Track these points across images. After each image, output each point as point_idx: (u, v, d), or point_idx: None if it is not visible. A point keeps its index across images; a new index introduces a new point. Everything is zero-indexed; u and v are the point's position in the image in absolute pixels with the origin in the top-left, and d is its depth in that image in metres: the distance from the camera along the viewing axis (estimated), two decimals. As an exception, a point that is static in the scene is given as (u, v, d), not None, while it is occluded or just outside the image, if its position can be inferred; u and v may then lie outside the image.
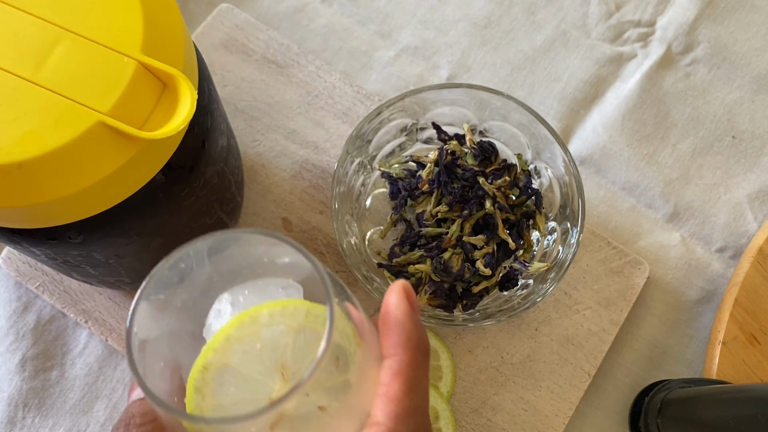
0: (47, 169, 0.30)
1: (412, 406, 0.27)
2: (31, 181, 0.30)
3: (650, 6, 0.63)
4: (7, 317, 0.53)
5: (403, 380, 0.27)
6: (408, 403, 0.27)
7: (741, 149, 0.59)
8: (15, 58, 0.31)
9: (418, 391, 0.27)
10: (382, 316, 0.29)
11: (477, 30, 0.62)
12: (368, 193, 0.54)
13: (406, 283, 0.30)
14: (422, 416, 0.27)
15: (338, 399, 0.26)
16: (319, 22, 0.62)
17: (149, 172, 0.34)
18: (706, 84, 0.61)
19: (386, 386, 0.27)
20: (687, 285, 0.55)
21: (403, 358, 0.28)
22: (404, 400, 0.27)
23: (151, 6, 0.33)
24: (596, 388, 0.53)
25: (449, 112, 0.52)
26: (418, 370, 0.28)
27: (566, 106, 0.60)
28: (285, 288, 0.29)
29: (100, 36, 0.32)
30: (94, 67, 0.31)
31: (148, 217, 0.37)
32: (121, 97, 0.31)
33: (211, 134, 0.39)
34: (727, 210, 0.57)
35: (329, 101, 0.58)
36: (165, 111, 0.32)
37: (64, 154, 0.30)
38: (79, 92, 0.30)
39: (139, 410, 0.28)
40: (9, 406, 0.51)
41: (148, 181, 0.34)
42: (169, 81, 0.32)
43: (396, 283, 0.30)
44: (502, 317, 0.47)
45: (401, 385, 0.27)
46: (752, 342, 0.52)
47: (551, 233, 0.51)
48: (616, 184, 0.58)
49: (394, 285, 0.30)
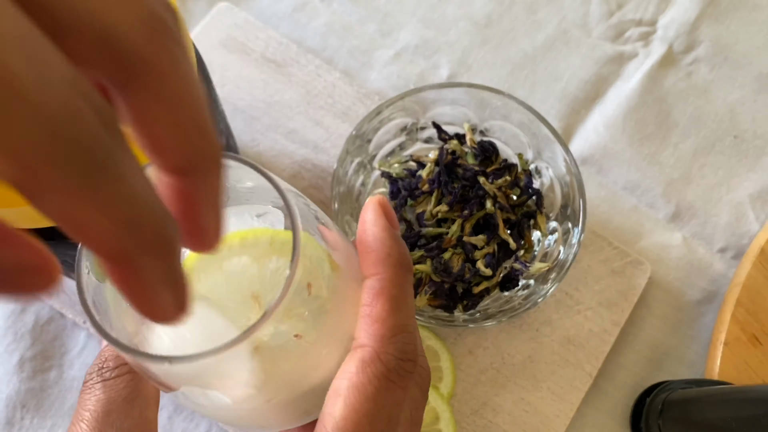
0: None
1: (397, 324, 0.26)
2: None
3: (651, 5, 0.62)
4: (5, 318, 0.52)
5: (385, 298, 0.26)
6: (393, 321, 0.26)
7: (743, 149, 0.59)
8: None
9: (403, 309, 0.26)
10: (359, 234, 0.27)
11: (477, 29, 0.62)
12: (368, 193, 0.53)
13: (382, 198, 0.28)
14: (410, 335, 0.26)
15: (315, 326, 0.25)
16: (319, 21, 0.61)
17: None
18: (707, 83, 0.60)
19: (368, 306, 0.26)
20: (689, 285, 0.55)
21: (384, 276, 0.26)
22: (389, 319, 0.25)
23: None
24: (597, 389, 0.53)
25: (450, 111, 0.52)
26: (401, 286, 0.26)
27: (567, 106, 0.60)
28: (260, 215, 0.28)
29: None
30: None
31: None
32: None
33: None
34: (728, 210, 0.57)
35: (329, 100, 0.57)
36: None
37: None
38: None
39: (112, 354, 0.27)
40: (7, 407, 0.51)
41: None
42: None
43: (371, 198, 0.28)
44: (503, 318, 0.47)
45: (384, 304, 0.26)
46: (754, 343, 0.51)
47: (552, 233, 0.51)
48: (617, 183, 0.58)
49: (369, 201, 0.28)
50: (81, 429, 0.25)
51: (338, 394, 0.24)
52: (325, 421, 0.24)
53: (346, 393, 0.24)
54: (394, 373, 0.25)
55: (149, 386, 0.27)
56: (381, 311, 0.25)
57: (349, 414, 0.24)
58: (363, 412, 0.24)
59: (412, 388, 0.26)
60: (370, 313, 0.26)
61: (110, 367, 0.26)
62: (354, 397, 0.24)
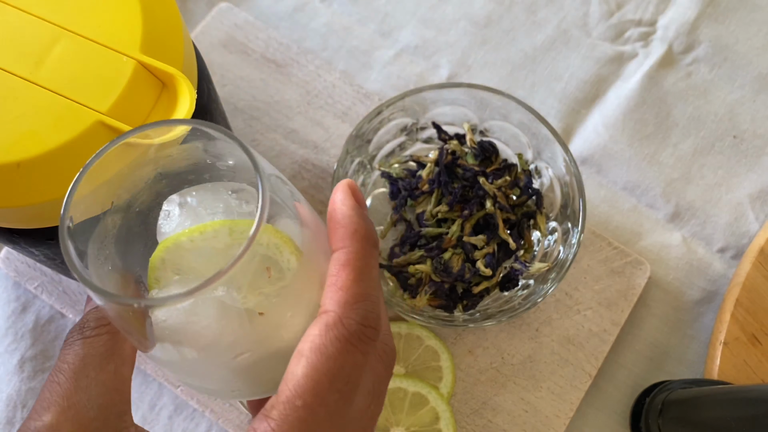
0: (46, 169, 0.30)
1: (361, 293, 0.27)
2: (29, 180, 0.30)
3: (651, 5, 0.62)
4: (6, 317, 0.52)
5: (350, 269, 0.27)
6: (357, 290, 0.27)
7: (742, 149, 0.59)
8: (14, 58, 0.31)
9: (367, 280, 0.28)
10: (329, 213, 0.30)
11: (477, 29, 0.62)
12: (368, 193, 0.54)
13: (350, 181, 0.30)
14: (372, 304, 0.27)
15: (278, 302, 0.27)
16: (319, 21, 0.61)
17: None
18: (707, 83, 0.60)
19: (334, 276, 0.27)
20: (688, 285, 0.55)
21: (350, 249, 0.28)
22: (353, 287, 0.27)
23: (150, 5, 0.33)
24: (597, 388, 0.53)
25: (449, 111, 0.52)
26: (366, 259, 0.28)
27: (567, 106, 0.60)
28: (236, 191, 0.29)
29: (99, 35, 0.31)
30: (93, 67, 0.31)
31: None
32: (120, 97, 0.30)
33: (210, 134, 0.39)
34: (728, 210, 0.57)
35: (329, 101, 0.58)
36: (164, 110, 0.32)
37: (62, 153, 0.30)
38: (78, 92, 0.30)
39: (94, 316, 0.29)
40: (7, 407, 0.51)
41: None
42: (168, 80, 0.32)
43: (341, 182, 0.30)
44: (503, 318, 0.47)
45: (349, 273, 0.27)
46: (754, 342, 0.51)
47: (552, 233, 0.51)
48: (617, 183, 0.58)
49: (339, 184, 0.30)
50: (58, 379, 0.27)
51: (301, 354, 0.26)
52: (288, 378, 0.26)
53: (308, 353, 0.26)
54: (355, 337, 0.26)
55: (126, 347, 0.29)
56: (345, 280, 0.27)
57: (309, 372, 0.25)
58: (323, 371, 0.25)
59: (373, 359, 0.27)
60: (335, 282, 0.27)
61: (91, 327, 0.28)
62: (315, 357, 0.25)
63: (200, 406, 0.50)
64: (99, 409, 0.27)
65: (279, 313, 0.27)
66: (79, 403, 0.26)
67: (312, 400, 0.25)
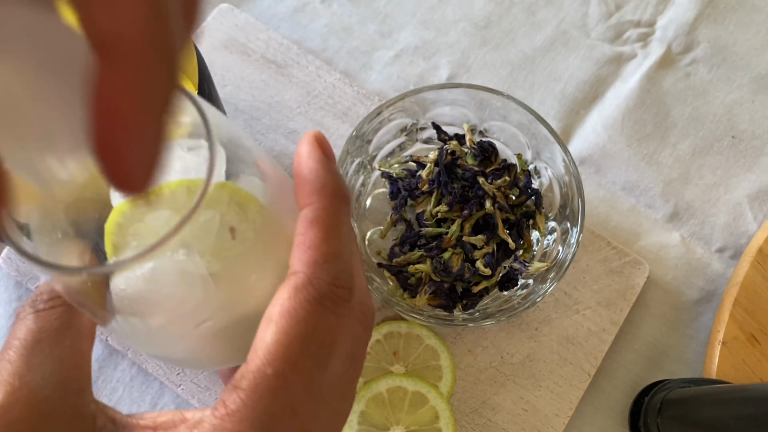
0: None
1: (331, 251, 0.25)
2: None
3: (650, 6, 0.63)
4: (8, 317, 0.53)
5: (319, 226, 0.25)
6: (327, 248, 0.25)
7: (741, 149, 0.59)
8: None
9: (338, 237, 0.25)
10: (295, 168, 0.27)
11: (477, 30, 0.62)
12: (368, 193, 0.54)
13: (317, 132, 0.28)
14: (345, 263, 0.25)
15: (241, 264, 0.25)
16: (319, 22, 0.62)
17: None
18: (706, 84, 0.61)
19: (302, 235, 0.25)
20: (687, 285, 0.55)
21: (318, 205, 0.26)
22: (322, 245, 0.25)
23: None
24: (596, 387, 0.53)
25: (449, 112, 0.52)
26: (336, 215, 0.26)
27: (566, 106, 0.60)
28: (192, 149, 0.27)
29: None
30: None
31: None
32: None
33: (211, 134, 0.39)
34: (727, 210, 0.57)
35: (329, 101, 0.58)
36: None
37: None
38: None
39: (48, 288, 0.26)
40: (9, 406, 0.51)
41: None
42: None
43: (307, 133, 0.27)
44: (502, 317, 0.47)
45: (317, 231, 0.25)
46: (752, 342, 0.52)
47: (551, 233, 0.51)
48: (616, 184, 0.58)
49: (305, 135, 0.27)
50: (8, 356, 0.25)
51: (270, 320, 0.24)
52: (257, 346, 0.24)
53: (277, 318, 0.24)
54: (327, 299, 0.24)
55: (84, 320, 0.26)
56: (314, 238, 0.25)
57: (280, 338, 0.23)
58: (294, 335, 0.23)
59: (349, 320, 0.25)
60: (303, 241, 0.25)
61: (44, 299, 0.26)
62: (285, 321, 0.24)
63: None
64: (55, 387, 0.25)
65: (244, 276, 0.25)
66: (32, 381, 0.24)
67: (284, 367, 0.23)
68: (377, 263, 0.51)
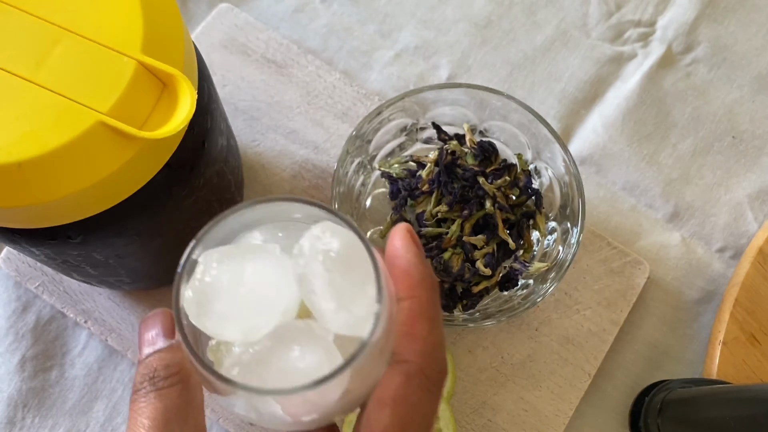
0: (47, 169, 0.30)
1: (436, 342, 0.28)
2: (30, 181, 0.30)
3: (650, 6, 0.63)
4: (7, 317, 0.53)
5: (425, 319, 0.28)
6: (433, 339, 0.28)
7: (741, 149, 0.59)
8: (14, 58, 0.31)
9: (439, 328, 0.29)
10: (391, 259, 0.30)
11: (477, 30, 0.62)
12: (368, 193, 0.54)
13: (408, 226, 0.30)
14: (443, 351, 0.29)
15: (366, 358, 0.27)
16: (319, 21, 0.62)
17: (149, 171, 0.34)
18: (706, 84, 0.61)
19: (409, 326, 0.28)
20: (687, 285, 0.55)
21: (421, 298, 0.29)
22: (429, 337, 0.28)
23: (150, 5, 0.33)
24: (596, 388, 0.53)
25: (449, 112, 0.52)
26: (436, 307, 0.29)
27: (566, 106, 0.60)
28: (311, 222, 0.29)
29: (100, 36, 0.31)
30: (94, 67, 0.31)
31: (147, 217, 0.37)
32: (121, 97, 0.30)
33: (210, 134, 0.39)
34: (727, 210, 0.57)
35: (329, 101, 0.58)
36: (165, 111, 0.32)
37: (64, 153, 0.30)
38: (78, 92, 0.30)
39: (162, 364, 0.28)
40: (8, 407, 0.51)
41: (148, 181, 0.34)
42: (168, 81, 0.32)
43: (398, 226, 0.30)
44: (502, 317, 0.47)
45: (424, 324, 0.28)
46: (752, 342, 0.52)
47: (551, 233, 0.51)
48: (616, 184, 0.58)
49: (398, 228, 0.30)
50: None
51: (384, 403, 0.27)
52: (373, 426, 0.27)
53: (392, 403, 0.27)
54: (435, 385, 0.28)
55: (199, 395, 0.28)
56: (422, 330, 0.28)
57: (395, 421, 0.27)
58: (408, 421, 0.27)
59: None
60: (411, 332, 0.28)
61: (161, 377, 0.27)
62: (400, 407, 0.27)
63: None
64: None
65: (365, 375, 0.27)
66: None
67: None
68: (377, 263, 0.51)
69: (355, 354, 0.24)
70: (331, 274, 0.26)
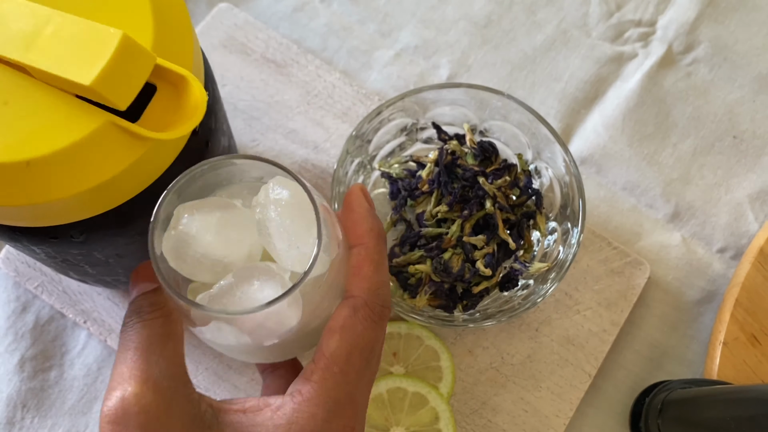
0: (56, 168, 0.30)
1: (381, 281, 0.34)
2: (39, 179, 0.30)
3: (651, 5, 0.63)
4: (6, 317, 0.52)
5: (370, 261, 0.34)
6: (377, 278, 0.34)
7: (742, 149, 0.59)
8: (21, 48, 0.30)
9: (383, 269, 0.35)
10: (346, 213, 0.36)
11: (477, 29, 0.62)
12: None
13: (361, 186, 0.37)
14: (387, 290, 0.35)
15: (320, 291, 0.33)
16: (319, 21, 0.61)
17: (156, 171, 0.34)
18: (707, 84, 0.61)
19: (356, 267, 0.34)
20: (688, 285, 0.55)
21: (368, 245, 0.35)
22: (374, 276, 0.34)
23: (160, 7, 0.33)
24: (597, 388, 0.53)
25: (449, 111, 0.52)
26: (382, 252, 0.35)
27: (567, 106, 0.60)
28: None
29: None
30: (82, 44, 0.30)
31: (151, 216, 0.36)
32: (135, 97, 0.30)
33: (214, 134, 0.39)
34: (728, 210, 0.57)
35: (329, 101, 0.58)
36: (173, 111, 0.32)
37: (73, 152, 0.30)
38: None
39: (148, 301, 0.33)
40: (8, 407, 0.51)
41: (154, 180, 0.34)
42: (179, 82, 0.32)
43: (353, 186, 0.37)
44: (503, 318, 0.47)
45: (369, 265, 0.34)
46: (753, 342, 0.52)
47: (552, 233, 0.51)
48: (616, 184, 0.58)
49: (353, 187, 0.37)
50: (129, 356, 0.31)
51: (334, 331, 0.32)
52: (324, 350, 0.32)
53: (340, 331, 0.32)
54: (378, 316, 0.34)
55: (179, 327, 0.33)
56: (367, 271, 0.34)
57: (343, 345, 0.32)
58: (354, 344, 0.32)
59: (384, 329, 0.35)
60: (359, 273, 0.34)
61: (147, 311, 0.33)
62: (348, 333, 0.32)
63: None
64: (170, 379, 0.31)
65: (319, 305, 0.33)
66: (153, 375, 0.30)
67: (345, 366, 0.32)
68: (377, 263, 0.51)
69: (298, 281, 0.28)
70: (282, 219, 0.31)
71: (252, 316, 0.29)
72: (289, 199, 0.31)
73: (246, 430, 0.31)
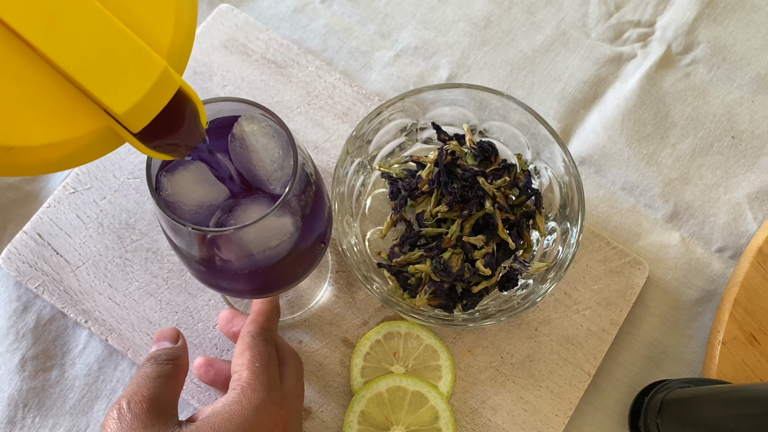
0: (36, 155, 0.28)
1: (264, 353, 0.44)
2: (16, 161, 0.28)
3: (650, 6, 0.63)
4: (7, 317, 0.53)
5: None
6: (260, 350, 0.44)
7: (741, 149, 0.59)
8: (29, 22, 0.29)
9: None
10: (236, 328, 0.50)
11: (477, 30, 0.62)
12: (368, 193, 0.54)
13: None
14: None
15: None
16: (319, 22, 0.62)
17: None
18: (705, 84, 0.61)
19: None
20: (687, 285, 0.55)
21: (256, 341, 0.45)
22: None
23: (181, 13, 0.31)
24: (596, 387, 0.53)
25: (449, 112, 0.52)
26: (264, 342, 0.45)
27: (566, 106, 0.60)
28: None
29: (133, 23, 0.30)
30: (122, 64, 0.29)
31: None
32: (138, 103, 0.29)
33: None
34: (726, 210, 0.57)
35: (329, 101, 0.58)
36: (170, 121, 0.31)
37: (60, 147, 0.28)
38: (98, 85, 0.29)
39: (164, 352, 0.43)
40: (9, 406, 0.51)
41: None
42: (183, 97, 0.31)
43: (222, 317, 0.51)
44: (502, 317, 0.47)
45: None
46: (752, 342, 0.52)
47: (551, 233, 0.51)
48: (615, 184, 0.58)
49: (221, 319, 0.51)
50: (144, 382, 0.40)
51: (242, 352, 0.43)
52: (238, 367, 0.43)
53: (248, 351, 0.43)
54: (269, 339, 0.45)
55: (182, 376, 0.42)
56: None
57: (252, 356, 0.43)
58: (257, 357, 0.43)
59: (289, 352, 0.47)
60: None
61: (162, 359, 0.42)
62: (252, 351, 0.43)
63: (201, 405, 0.51)
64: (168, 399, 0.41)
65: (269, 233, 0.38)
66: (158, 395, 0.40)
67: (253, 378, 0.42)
68: (377, 263, 0.51)
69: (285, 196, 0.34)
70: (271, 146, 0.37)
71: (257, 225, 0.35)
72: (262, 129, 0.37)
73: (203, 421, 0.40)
